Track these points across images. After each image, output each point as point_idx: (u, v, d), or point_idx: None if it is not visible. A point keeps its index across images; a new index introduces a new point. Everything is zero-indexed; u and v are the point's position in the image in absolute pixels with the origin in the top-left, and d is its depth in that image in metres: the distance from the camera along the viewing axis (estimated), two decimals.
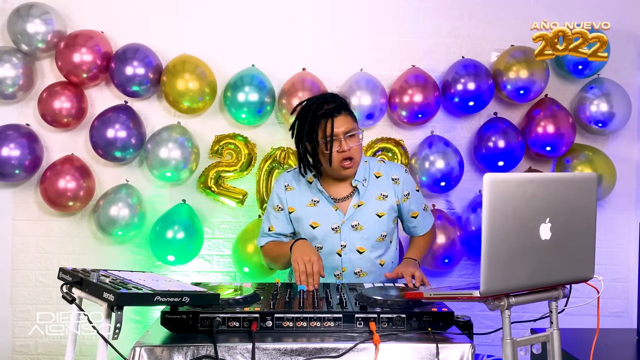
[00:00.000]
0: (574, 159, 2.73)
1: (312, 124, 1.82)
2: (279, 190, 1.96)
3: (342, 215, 1.90)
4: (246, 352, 1.25)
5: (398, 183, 1.95)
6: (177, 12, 2.83)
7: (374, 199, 1.92)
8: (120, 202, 2.65)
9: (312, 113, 1.82)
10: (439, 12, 2.87)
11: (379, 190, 1.93)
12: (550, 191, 1.21)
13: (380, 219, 1.91)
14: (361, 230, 1.89)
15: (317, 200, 1.92)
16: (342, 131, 1.81)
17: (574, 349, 1.61)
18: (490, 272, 1.12)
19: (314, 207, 1.91)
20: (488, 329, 1.63)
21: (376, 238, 1.91)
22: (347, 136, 1.82)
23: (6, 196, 2.82)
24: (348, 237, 1.89)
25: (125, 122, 2.65)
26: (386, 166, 1.99)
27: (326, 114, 1.81)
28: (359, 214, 1.90)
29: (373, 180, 1.94)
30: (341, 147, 1.81)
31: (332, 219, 1.89)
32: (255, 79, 2.67)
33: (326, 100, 1.84)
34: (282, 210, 1.95)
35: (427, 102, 2.68)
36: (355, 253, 1.89)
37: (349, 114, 1.85)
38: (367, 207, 1.91)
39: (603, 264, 2.74)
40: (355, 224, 1.89)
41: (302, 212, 1.92)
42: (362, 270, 1.90)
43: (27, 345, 2.82)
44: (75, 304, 1.19)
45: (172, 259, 2.66)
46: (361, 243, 1.89)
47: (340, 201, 1.92)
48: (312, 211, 1.91)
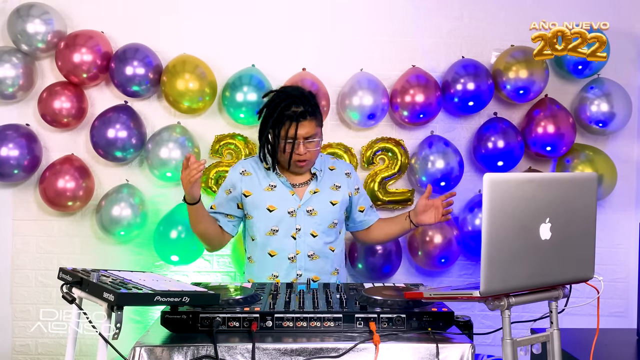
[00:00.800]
0: (574, 159, 2.73)
1: (277, 121, 1.90)
2: (234, 176, 2.03)
3: (299, 200, 1.99)
4: (246, 352, 1.25)
5: (350, 177, 2.11)
6: (177, 12, 2.83)
7: (328, 187, 2.04)
8: (123, 202, 2.65)
9: (279, 111, 1.89)
10: (439, 12, 2.87)
11: (333, 181, 2.06)
12: (550, 191, 1.21)
13: (333, 206, 2.02)
14: (315, 215, 1.99)
15: (275, 185, 2.00)
16: (303, 135, 1.90)
17: (574, 349, 1.61)
18: (490, 272, 1.12)
19: (271, 191, 2.00)
20: (488, 329, 1.63)
21: (328, 224, 2.01)
22: (307, 141, 1.91)
23: (6, 196, 2.82)
24: (303, 221, 1.98)
25: (125, 122, 2.65)
26: (338, 162, 2.15)
27: (292, 116, 1.88)
28: (315, 200, 2.00)
29: (327, 172, 2.07)
30: (298, 150, 1.91)
31: (289, 203, 1.98)
32: (254, 79, 2.67)
33: (296, 102, 1.90)
34: (230, 193, 2.02)
35: (429, 102, 2.68)
36: (309, 237, 1.98)
37: (314, 119, 1.93)
38: (322, 194, 2.02)
39: (603, 264, 2.74)
40: (310, 209, 1.99)
41: (259, 196, 2.00)
42: (315, 254, 1.98)
43: (27, 345, 2.82)
44: (75, 304, 1.19)
45: (176, 259, 2.66)
46: (314, 227, 1.99)
47: (297, 187, 2.02)
48: (269, 195, 1.99)
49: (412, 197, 2.82)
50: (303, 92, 1.96)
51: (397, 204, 2.81)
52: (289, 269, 1.96)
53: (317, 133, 1.94)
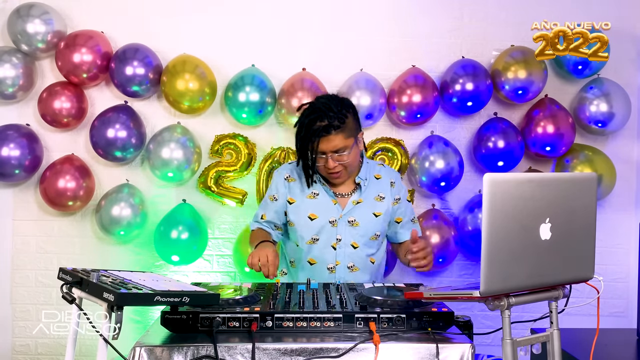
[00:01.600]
0: (573, 159, 2.73)
1: (304, 138, 1.85)
2: (279, 181, 2.01)
3: (341, 209, 1.94)
4: (246, 352, 1.25)
5: (393, 187, 2.01)
6: (177, 13, 2.83)
7: (372, 198, 1.97)
8: (123, 202, 2.65)
9: (305, 128, 1.84)
10: (439, 12, 2.87)
11: (378, 191, 1.98)
12: (550, 191, 1.21)
13: (376, 218, 1.96)
14: (357, 226, 1.94)
15: (317, 193, 1.96)
16: (330, 149, 1.83)
17: (574, 349, 1.61)
18: (490, 272, 1.12)
19: (314, 199, 1.96)
20: (488, 329, 1.63)
21: (370, 236, 1.95)
22: (337, 154, 1.84)
23: (6, 196, 2.82)
24: (344, 232, 1.93)
25: (125, 122, 2.65)
26: (385, 170, 2.06)
27: (316, 132, 1.81)
28: (357, 211, 1.94)
29: (373, 180, 1.99)
30: (327, 165, 1.85)
31: (331, 212, 1.94)
32: (256, 79, 2.67)
33: (320, 116, 1.82)
34: (276, 200, 1.99)
35: (426, 102, 2.68)
36: (350, 247, 1.93)
37: (342, 131, 1.82)
38: (365, 205, 1.95)
39: (603, 264, 2.74)
40: (352, 220, 1.93)
41: (302, 203, 1.96)
42: (355, 265, 1.93)
43: (27, 345, 2.82)
44: (75, 304, 1.19)
45: (177, 259, 2.66)
46: (356, 239, 1.94)
47: (340, 197, 1.96)
48: (312, 203, 1.95)
49: (412, 197, 2.82)
50: (330, 103, 1.84)
51: None
52: (328, 278, 1.92)
53: (346, 145, 1.84)
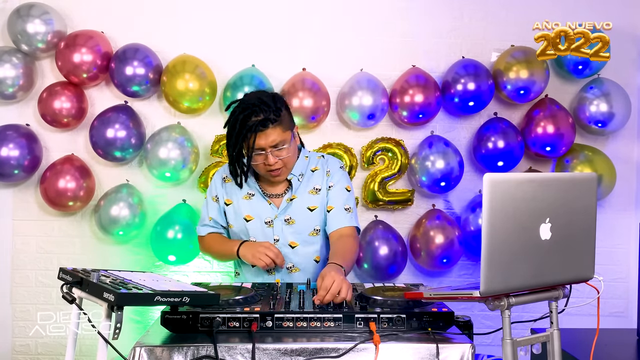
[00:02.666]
0: (573, 159, 2.73)
1: (239, 134, 1.74)
2: (217, 182, 1.94)
3: (276, 209, 1.87)
4: (246, 352, 1.25)
5: (328, 175, 1.90)
6: (177, 12, 2.83)
7: (306, 192, 1.88)
8: (121, 202, 2.65)
9: (239, 124, 1.74)
10: (439, 12, 2.87)
11: (312, 184, 1.89)
12: (550, 191, 1.21)
13: (311, 212, 1.87)
14: (293, 224, 1.86)
15: (253, 193, 1.89)
16: (268, 144, 1.74)
17: (574, 349, 1.61)
18: (490, 272, 1.12)
19: (249, 200, 1.88)
20: (488, 329, 1.63)
21: (308, 232, 1.88)
22: (277, 149, 1.75)
23: (6, 196, 2.82)
24: (281, 232, 1.86)
25: (125, 122, 2.65)
26: (324, 160, 1.94)
27: (251, 127, 1.72)
28: (291, 208, 1.87)
29: (309, 174, 1.91)
30: (267, 161, 1.76)
31: (266, 213, 1.87)
32: (254, 79, 2.67)
33: (255, 111, 1.73)
34: (217, 201, 1.93)
35: (428, 102, 2.68)
36: (288, 248, 1.86)
37: (279, 124, 1.74)
38: (299, 200, 1.87)
39: (603, 264, 2.73)
40: (287, 218, 1.86)
41: (238, 204, 1.89)
42: (295, 266, 1.87)
43: (27, 345, 2.82)
44: (75, 304, 1.19)
45: (173, 259, 2.66)
46: (293, 237, 1.87)
47: (275, 197, 1.89)
48: (247, 204, 1.88)
49: (412, 197, 2.82)
50: (262, 98, 1.77)
51: (397, 204, 2.80)
52: (270, 280, 1.85)
53: (285, 139, 1.76)
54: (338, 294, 1.42)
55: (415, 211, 2.85)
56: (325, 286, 1.43)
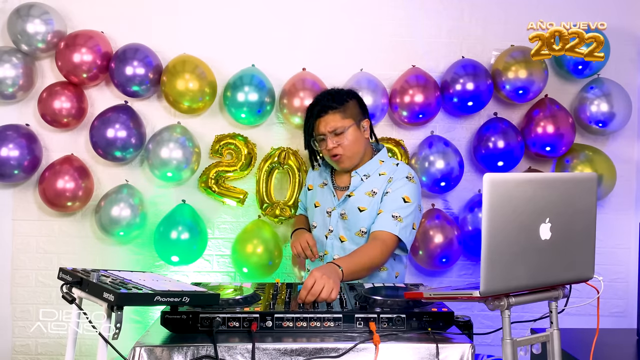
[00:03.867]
0: (573, 159, 2.73)
1: (307, 121, 1.98)
2: (310, 169, 2.20)
3: (337, 201, 1.99)
4: (246, 352, 1.25)
5: (391, 182, 1.91)
6: (177, 12, 2.83)
7: (363, 193, 1.94)
8: (122, 202, 2.65)
9: (307, 111, 1.98)
10: (439, 12, 2.87)
11: (372, 186, 1.93)
12: (550, 191, 1.21)
13: (361, 213, 1.91)
14: (346, 220, 1.96)
15: (326, 183, 2.06)
16: (326, 130, 1.91)
17: (574, 349, 1.61)
18: (490, 272, 1.12)
19: (322, 188, 2.07)
20: (488, 329, 1.63)
21: (355, 231, 1.93)
22: (334, 135, 1.90)
23: (6, 196, 2.82)
24: (335, 224, 1.98)
25: (125, 122, 2.64)
26: (395, 168, 1.95)
27: (312, 115, 1.94)
28: (347, 204, 1.96)
29: (375, 177, 1.95)
30: (327, 146, 1.92)
31: (329, 203, 2.01)
32: (254, 79, 2.67)
33: (317, 101, 1.96)
34: (305, 185, 2.21)
35: (428, 102, 2.68)
36: (338, 240, 1.96)
37: (339, 111, 1.90)
38: (354, 199, 1.95)
39: (603, 264, 2.74)
40: (342, 212, 1.96)
41: (315, 190, 2.10)
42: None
43: (27, 345, 2.82)
44: (75, 304, 1.19)
45: (177, 259, 2.66)
46: (344, 232, 1.96)
47: (340, 189, 2.02)
48: (320, 192, 2.07)
49: None
50: (331, 90, 2.01)
51: None
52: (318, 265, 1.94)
53: (344, 125, 1.89)
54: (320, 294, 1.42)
55: None
56: (305, 285, 1.44)
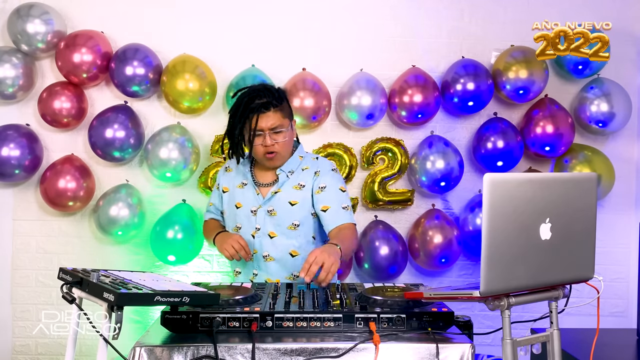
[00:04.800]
0: (572, 159, 2.73)
1: (242, 116, 1.90)
2: (221, 172, 2.11)
3: (261, 199, 1.98)
4: (246, 352, 1.25)
5: (318, 175, 1.99)
6: (177, 13, 2.83)
7: (290, 187, 1.98)
8: (120, 202, 2.65)
9: (243, 105, 1.90)
10: (439, 12, 2.87)
11: (298, 180, 1.99)
12: (550, 191, 1.21)
13: (292, 207, 1.96)
14: (275, 216, 1.96)
15: (245, 182, 2.02)
16: (267, 127, 1.88)
17: (574, 349, 1.61)
18: (490, 272, 1.12)
19: (241, 188, 2.02)
20: (488, 329, 1.63)
21: (287, 225, 1.95)
22: (273, 132, 1.89)
23: (6, 196, 2.82)
24: (263, 221, 1.96)
25: (124, 122, 2.64)
26: (316, 162, 2.04)
27: (254, 108, 1.88)
28: (275, 200, 1.97)
29: (299, 172, 2.01)
30: (264, 142, 1.89)
31: (252, 202, 1.99)
32: (257, 79, 2.66)
33: (258, 95, 1.90)
34: (218, 189, 2.10)
35: (427, 102, 2.68)
36: (267, 237, 1.96)
37: (279, 110, 1.90)
38: (283, 194, 1.97)
39: (603, 264, 2.73)
40: (270, 209, 1.96)
41: (233, 192, 2.04)
42: (270, 255, 1.95)
43: (27, 345, 2.82)
44: (75, 304, 1.19)
45: (173, 259, 2.66)
46: (273, 228, 1.96)
47: (264, 186, 2.00)
48: (239, 192, 2.02)
49: (412, 197, 2.82)
50: (267, 86, 1.96)
51: (397, 204, 2.80)
52: (248, 267, 1.98)
53: (283, 124, 1.90)
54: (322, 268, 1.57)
55: (415, 211, 2.85)
56: (308, 260, 1.60)
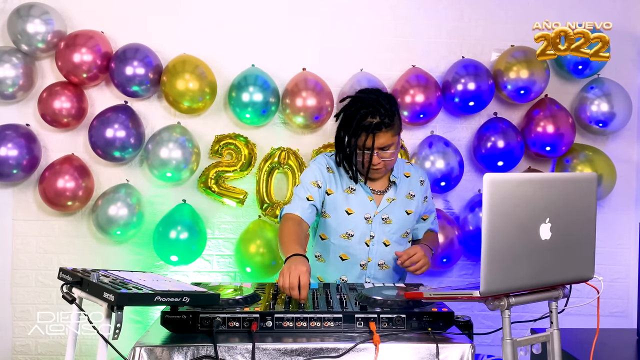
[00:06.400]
0: (573, 159, 2.73)
1: (354, 133, 1.82)
2: (322, 170, 1.94)
3: (376, 206, 1.94)
4: (246, 352, 1.25)
5: (423, 185, 2.04)
6: (177, 12, 2.83)
7: (404, 196, 1.98)
8: (119, 202, 2.65)
9: (356, 122, 1.81)
10: (439, 12, 2.87)
11: (408, 189, 2.00)
12: (550, 191, 1.21)
13: (408, 216, 1.98)
14: (390, 224, 1.94)
15: (354, 188, 1.94)
16: (378, 146, 1.82)
17: (574, 349, 1.61)
18: (490, 272, 1.12)
19: (351, 194, 1.94)
20: (488, 329, 1.63)
21: (401, 234, 1.97)
22: (382, 151, 1.84)
23: (6, 196, 2.82)
24: (378, 229, 1.94)
25: (124, 122, 2.64)
26: (413, 168, 2.07)
27: (368, 127, 1.79)
28: (391, 208, 1.95)
29: (403, 179, 2.01)
30: (373, 161, 1.83)
31: (366, 209, 1.93)
32: (259, 79, 2.67)
33: (372, 112, 1.80)
34: (319, 187, 1.92)
35: (429, 102, 2.68)
36: (382, 245, 1.94)
37: (391, 128, 1.82)
38: (399, 202, 1.97)
39: (603, 264, 2.74)
40: (385, 217, 1.94)
41: (340, 196, 1.94)
42: (385, 263, 1.94)
43: (27, 345, 2.82)
44: (75, 304, 1.19)
45: (176, 259, 2.66)
46: (388, 236, 1.95)
47: (375, 194, 1.96)
48: (349, 198, 1.93)
49: None
50: (380, 100, 1.83)
51: None
52: (360, 275, 1.93)
53: (393, 142, 1.84)
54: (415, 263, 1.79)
55: None
56: (408, 252, 1.82)
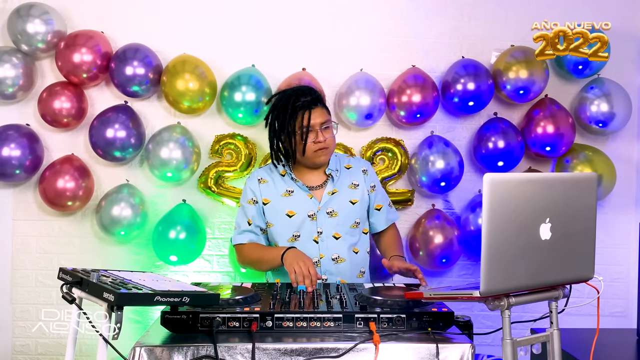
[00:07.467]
0: (573, 159, 2.73)
1: (291, 115, 1.90)
2: (252, 185, 2.02)
3: (317, 202, 1.96)
4: (246, 352, 1.25)
5: (367, 174, 2.08)
6: (177, 12, 2.82)
7: (346, 187, 2.01)
8: (123, 202, 2.65)
9: (290, 105, 1.90)
10: (439, 12, 2.87)
11: (350, 179, 2.04)
12: (550, 191, 1.21)
13: (353, 205, 2.00)
14: (336, 216, 1.96)
15: (292, 190, 1.98)
16: (318, 122, 1.91)
17: (574, 349, 1.61)
18: (490, 272, 1.12)
19: (289, 196, 1.98)
20: (488, 329, 1.63)
21: (350, 224, 1.98)
22: (323, 128, 1.91)
23: (6, 196, 2.82)
24: (324, 224, 1.95)
25: (124, 122, 2.64)
26: (355, 160, 2.13)
27: (303, 105, 1.90)
28: (334, 201, 1.97)
29: (344, 170, 2.05)
30: (317, 138, 1.90)
31: (308, 207, 1.96)
32: (252, 79, 2.66)
33: (302, 93, 1.92)
34: (256, 203, 2.00)
35: (426, 102, 2.68)
36: (332, 239, 1.94)
37: (323, 107, 1.95)
38: (341, 194, 1.98)
39: (603, 264, 2.74)
40: (330, 211, 1.96)
41: (278, 202, 1.97)
42: (340, 257, 1.94)
43: (27, 345, 2.82)
44: (75, 304, 1.19)
45: (175, 259, 2.66)
46: (336, 229, 1.95)
47: (314, 189, 1.99)
48: (288, 201, 1.97)
49: (412, 197, 2.82)
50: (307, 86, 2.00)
51: (397, 204, 2.80)
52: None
53: (329, 120, 1.95)
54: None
55: (415, 211, 2.84)
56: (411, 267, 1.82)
